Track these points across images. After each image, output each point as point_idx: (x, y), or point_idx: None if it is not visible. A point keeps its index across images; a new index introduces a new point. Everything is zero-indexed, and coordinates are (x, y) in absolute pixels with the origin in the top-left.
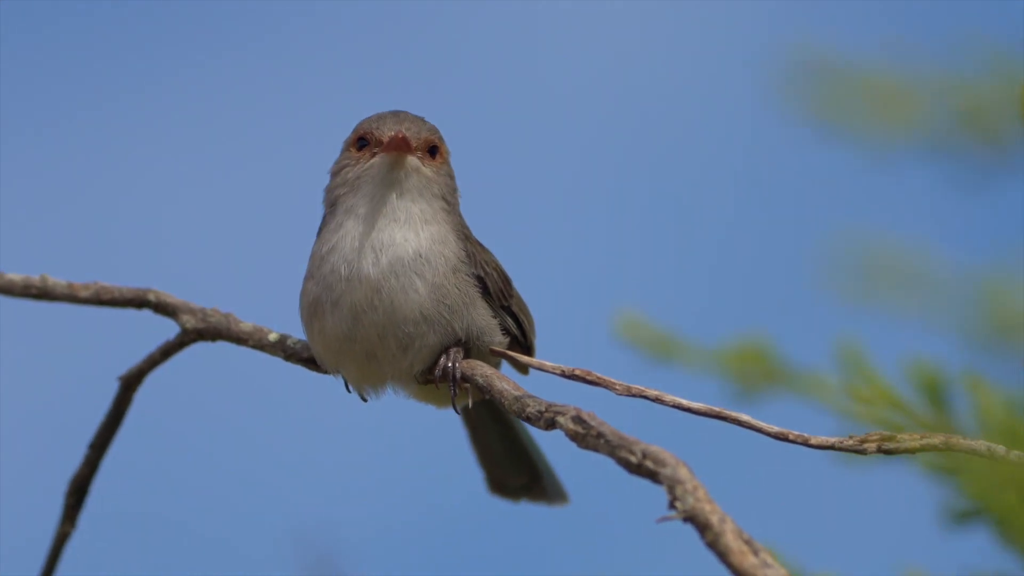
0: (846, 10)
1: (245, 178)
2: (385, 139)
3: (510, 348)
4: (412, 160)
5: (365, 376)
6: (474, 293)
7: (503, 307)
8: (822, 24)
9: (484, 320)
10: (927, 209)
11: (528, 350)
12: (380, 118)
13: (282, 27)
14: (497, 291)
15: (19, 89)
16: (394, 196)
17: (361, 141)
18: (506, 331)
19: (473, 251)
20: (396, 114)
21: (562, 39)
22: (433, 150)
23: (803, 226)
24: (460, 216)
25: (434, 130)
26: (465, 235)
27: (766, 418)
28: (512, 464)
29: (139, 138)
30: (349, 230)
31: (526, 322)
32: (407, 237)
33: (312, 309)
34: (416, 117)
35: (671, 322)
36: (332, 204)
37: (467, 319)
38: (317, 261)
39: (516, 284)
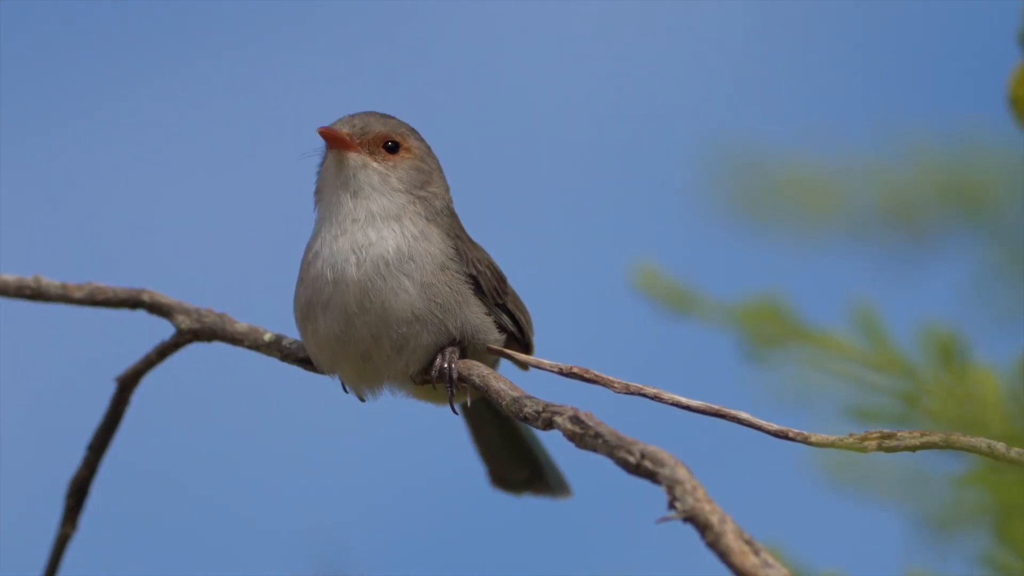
0: (774, 99)
1: (239, 177)
2: (327, 138)
3: (508, 346)
4: (354, 157)
5: (361, 377)
6: (467, 291)
7: (498, 304)
8: (750, 114)
9: (478, 318)
10: (856, 295)
11: (527, 347)
12: (340, 118)
13: (278, 26)
14: (491, 289)
15: (12, 90)
16: (348, 196)
17: (325, 144)
18: (502, 329)
19: (464, 249)
20: (354, 114)
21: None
22: (392, 146)
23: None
24: (448, 214)
25: (392, 124)
26: (455, 234)
27: (779, 384)
28: (513, 458)
29: (133, 138)
30: (325, 235)
31: (523, 319)
32: (382, 236)
33: (305, 312)
34: (373, 114)
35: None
36: (316, 204)
37: (461, 318)
38: (306, 265)
39: (513, 282)
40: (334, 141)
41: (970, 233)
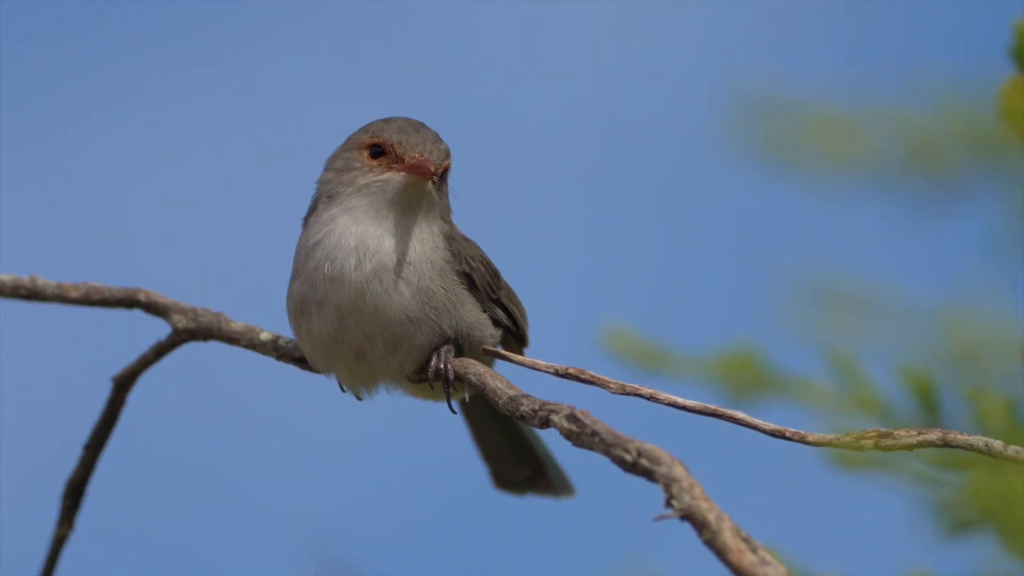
0: (796, 45)
1: (235, 177)
2: (408, 159)
3: (504, 340)
4: (430, 187)
5: (356, 376)
6: (461, 291)
7: (492, 299)
8: (772, 60)
9: (473, 315)
10: (881, 243)
11: (522, 340)
12: (402, 130)
13: (274, 25)
14: (484, 284)
15: (9, 90)
16: (401, 215)
17: (376, 148)
18: (497, 323)
19: (458, 249)
20: (418, 130)
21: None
22: (444, 174)
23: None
24: (446, 213)
25: (449, 154)
26: (450, 234)
27: (762, 419)
28: (515, 457)
29: (130, 138)
30: (340, 227)
31: (517, 312)
32: (397, 248)
33: (299, 310)
34: (436, 136)
35: (660, 325)
36: (329, 196)
37: (455, 317)
38: (303, 256)
39: (509, 282)
40: (426, 172)
41: (995, 179)
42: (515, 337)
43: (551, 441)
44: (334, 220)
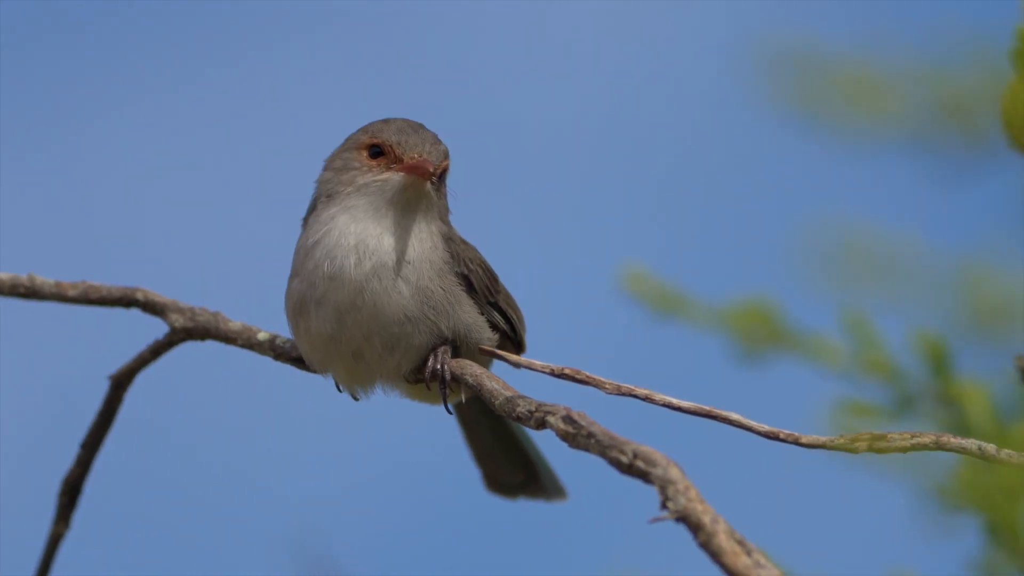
0: (826, 1)
1: (233, 176)
2: (407, 159)
3: (501, 344)
4: (429, 187)
5: (353, 376)
6: (459, 292)
7: (490, 303)
8: (801, 15)
9: (471, 317)
10: (907, 201)
11: (519, 345)
12: (401, 131)
13: (274, 25)
14: (483, 287)
15: (7, 89)
16: (400, 214)
17: (375, 149)
18: (495, 327)
19: (456, 250)
20: (417, 131)
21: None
22: (443, 175)
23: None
24: (445, 213)
25: (448, 154)
26: (449, 235)
27: (771, 382)
28: (508, 460)
29: (128, 137)
30: (340, 226)
31: (515, 317)
32: (396, 247)
33: (298, 308)
34: (435, 137)
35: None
36: (328, 196)
37: (453, 318)
38: (302, 255)
39: (505, 282)
40: (425, 173)
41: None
42: (512, 342)
43: (544, 445)
44: (333, 219)
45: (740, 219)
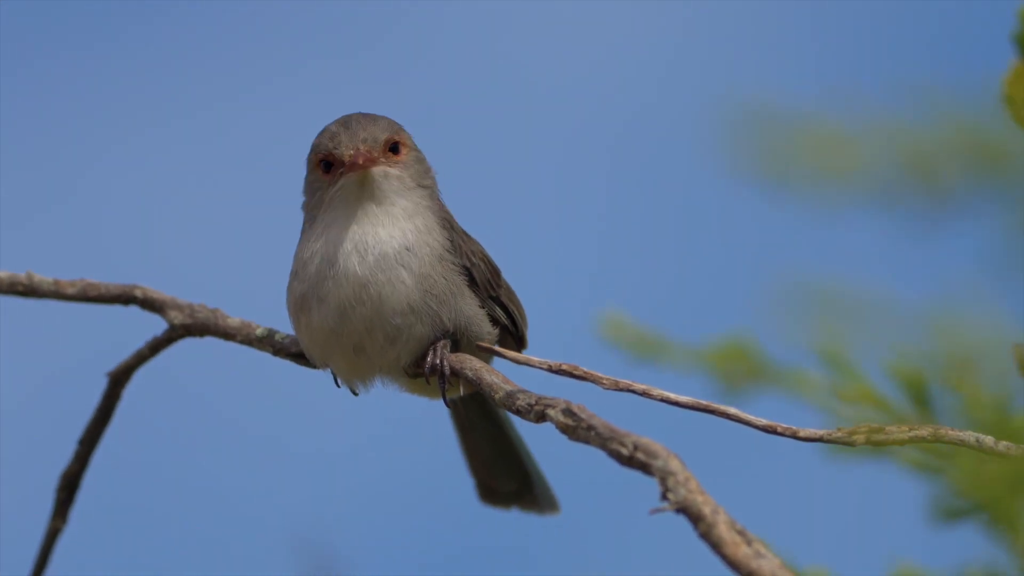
0: (789, 59)
1: (231, 173)
2: (345, 161)
3: (501, 339)
4: (377, 171)
5: (353, 369)
6: (460, 283)
7: (492, 297)
8: (765, 71)
9: (472, 310)
10: (876, 252)
11: (520, 341)
12: (333, 136)
13: (269, 22)
14: (484, 281)
15: (6, 87)
16: (372, 206)
17: (325, 163)
18: (496, 321)
19: (459, 241)
20: (348, 126)
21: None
22: (395, 147)
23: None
24: (442, 203)
25: (390, 127)
26: (449, 224)
27: (754, 414)
28: (503, 468)
29: (126, 135)
30: (332, 235)
31: (516, 312)
32: (392, 234)
33: (299, 304)
34: (368, 118)
35: (655, 322)
36: (311, 219)
37: (455, 309)
38: (301, 263)
39: (505, 277)
40: (363, 164)
41: (993, 193)
42: (513, 338)
43: (539, 455)
44: (324, 233)
45: (713, 269)
